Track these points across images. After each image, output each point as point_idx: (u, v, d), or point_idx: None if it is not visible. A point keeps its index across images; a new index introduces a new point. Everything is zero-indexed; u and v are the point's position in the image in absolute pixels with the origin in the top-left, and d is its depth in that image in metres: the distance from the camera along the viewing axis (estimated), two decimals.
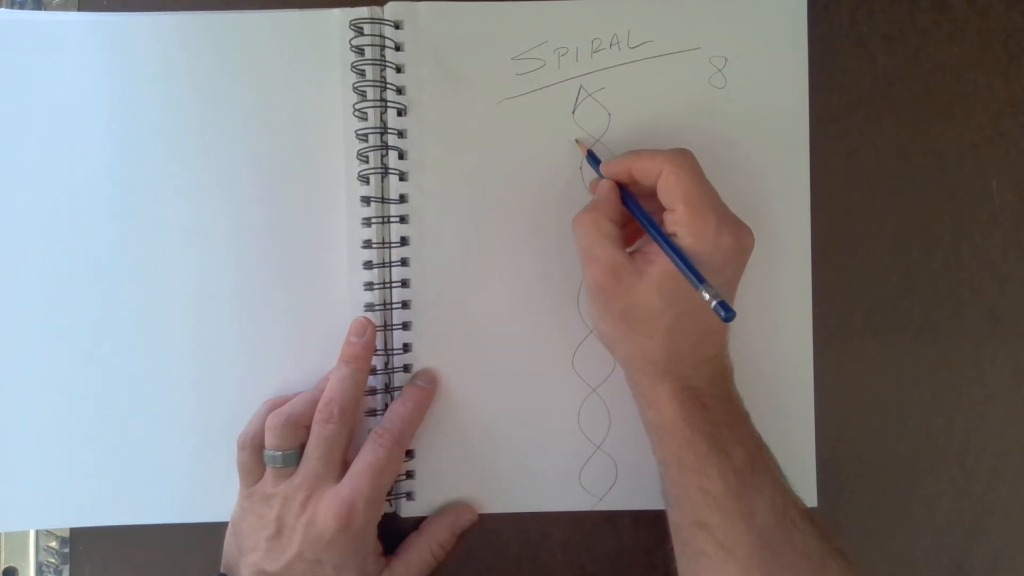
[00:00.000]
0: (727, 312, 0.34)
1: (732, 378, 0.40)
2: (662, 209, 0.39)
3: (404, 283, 0.45)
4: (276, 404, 0.43)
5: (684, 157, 0.38)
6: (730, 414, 0.39)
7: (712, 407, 0.38)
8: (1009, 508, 0.46)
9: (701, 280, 0.35)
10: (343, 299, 0.45)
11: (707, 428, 0.38)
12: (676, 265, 0.37)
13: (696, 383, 0.39)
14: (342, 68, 0.45)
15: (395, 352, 0.45)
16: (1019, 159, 0.46)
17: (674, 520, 0.40)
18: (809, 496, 0.45)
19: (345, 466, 0.42)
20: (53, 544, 0.47)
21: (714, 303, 0.34)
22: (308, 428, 0.42)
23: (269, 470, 0.42)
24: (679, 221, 0.37)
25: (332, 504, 0.40)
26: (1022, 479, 0.46)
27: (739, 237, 0.38)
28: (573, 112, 0.45)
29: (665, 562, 0.46)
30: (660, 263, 0.37)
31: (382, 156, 0.45)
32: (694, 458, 0.38)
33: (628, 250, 0.39)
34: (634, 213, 0.40)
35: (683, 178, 0.37)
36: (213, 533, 0.43)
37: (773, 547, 0.36)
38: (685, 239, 0.37)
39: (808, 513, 0.38)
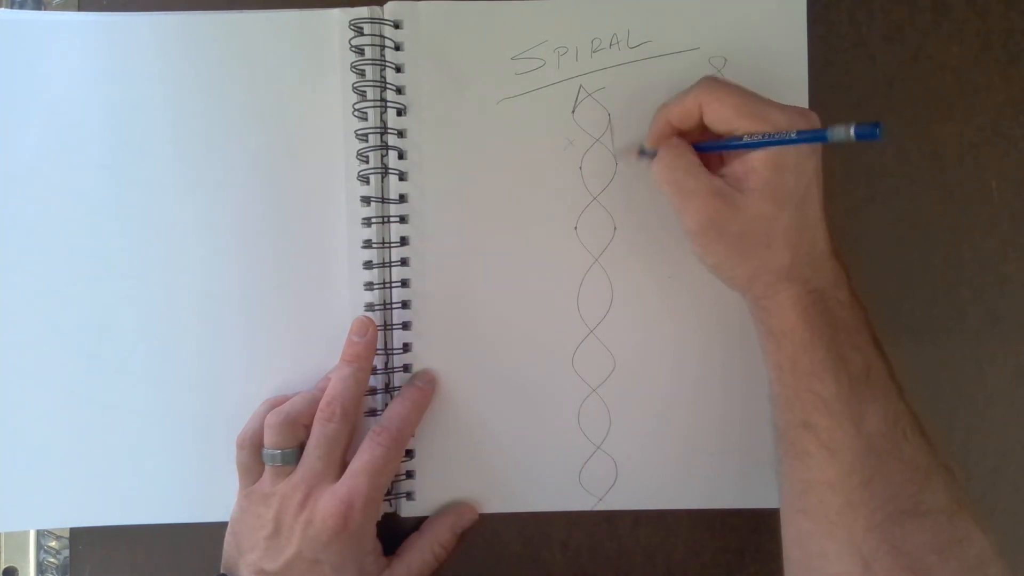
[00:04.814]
0: (872, 127, 0.33)
1: (850, 281, 0.39)
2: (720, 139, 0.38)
3: (404, 283, 0.45)
4: (275, 403, 0.43)
5: (713, 80, 0.39)
6: (851, 320, 0.38)
7: (834, 311, 0.38)
8: (1009, 508, 0.46)
9: (824, 130, 0.35)
10: (343, 299, 0.45)
11: (827, 332, 0.37)
12: (793, 144, 0.36)
13: (819, 285, 0.38)
14: (342, 68, 0.45)
15: (395, 352, 0.45)
16: (1019, 159, 0.46)
17: (780, 423, 0.39)
18: None
19: (344, 466, 0.42)
20: (53, 544, 0.47)
21: (852, 129, 0.33)
22: (307, 427, 0.42)
23: (268, 469, 0.42)
24: (747, 133, 0.37)
25: (330, 504, 0.40)
26: (1022, 479, 0.46)
27: (807, 118, 0.37)
28: (573, 112, 0.45)
29: (665, 562, 0.46)
30: (756, 172, 0.37)
31: (382, 156, 0.45)
32: (809, 362, 0.37)
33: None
34: (708, 148, 0.39)
35: (724, 96, 0.37)
36: (213, 533, 0.43)
37: (879, 454, 0.36)
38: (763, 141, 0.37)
39: (921, 427, 0.37)
